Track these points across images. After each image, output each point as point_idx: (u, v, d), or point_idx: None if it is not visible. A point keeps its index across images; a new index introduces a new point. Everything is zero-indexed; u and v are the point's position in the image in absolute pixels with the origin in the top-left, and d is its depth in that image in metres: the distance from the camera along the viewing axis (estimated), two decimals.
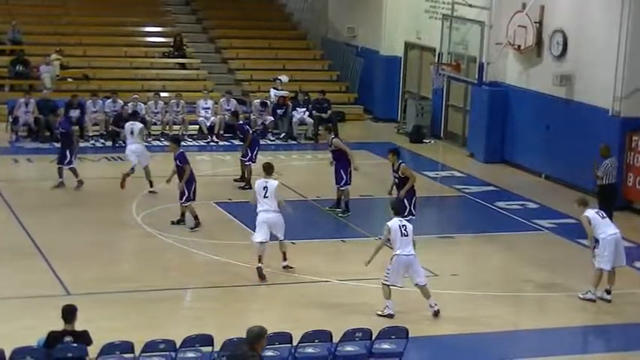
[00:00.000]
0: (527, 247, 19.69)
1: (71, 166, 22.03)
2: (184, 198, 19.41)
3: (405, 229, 15.27)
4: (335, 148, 21.12)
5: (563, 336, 15.30)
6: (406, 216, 17.45)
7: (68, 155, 21.97)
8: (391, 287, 15.26)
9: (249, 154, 22.99)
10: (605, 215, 16.75)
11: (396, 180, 19.00)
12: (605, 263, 16.31)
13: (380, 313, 15.26)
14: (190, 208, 19.55)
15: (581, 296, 16.50)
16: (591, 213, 16.51)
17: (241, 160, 23.25)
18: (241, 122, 24.20)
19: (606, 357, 14.24)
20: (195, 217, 19.58)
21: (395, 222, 15.39)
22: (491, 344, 14.77)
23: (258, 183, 16.95)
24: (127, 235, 19.43)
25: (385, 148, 24.85)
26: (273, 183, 16.84)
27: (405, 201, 18.26)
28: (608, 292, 16.45)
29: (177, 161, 19.52)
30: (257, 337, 10.05)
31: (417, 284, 15.43)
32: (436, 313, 15.31)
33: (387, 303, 15.29)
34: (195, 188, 19.56)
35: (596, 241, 16.34)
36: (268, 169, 17.19)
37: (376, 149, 26.62)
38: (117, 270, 17.21)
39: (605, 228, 16.39)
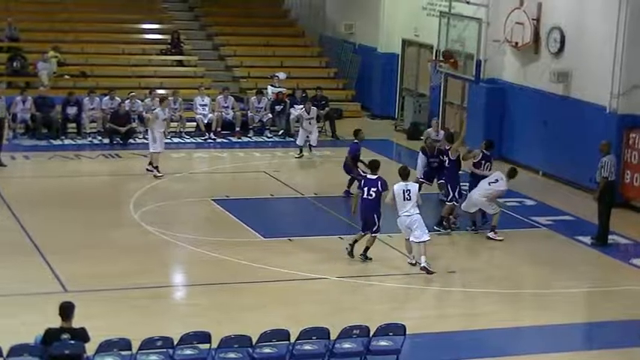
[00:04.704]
0: (524, 244, 19.67)
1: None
2: (375, 228, 17.63)
3: (408, 194, 17.14)
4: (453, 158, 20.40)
5: (562, 332, 15.29)
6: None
7: None
8: (408, 240, 17.45)
9: None
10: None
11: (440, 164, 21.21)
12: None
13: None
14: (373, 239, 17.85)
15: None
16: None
17: None
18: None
19: (605, 353, 14.22)
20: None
21: (400, 185, 17.23)
22: (489, 341, 14.73)
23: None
24: (124, 232, 19.34)
25: (382, 145, 24.76)
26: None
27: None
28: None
29: (380, 186, 17.52)
30: None
31: (412, 240, 17.34)
32: (415, 264, 17.39)
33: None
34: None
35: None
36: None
37: (373, 146, 26.57)
38: (114, 267, 17.16)
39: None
